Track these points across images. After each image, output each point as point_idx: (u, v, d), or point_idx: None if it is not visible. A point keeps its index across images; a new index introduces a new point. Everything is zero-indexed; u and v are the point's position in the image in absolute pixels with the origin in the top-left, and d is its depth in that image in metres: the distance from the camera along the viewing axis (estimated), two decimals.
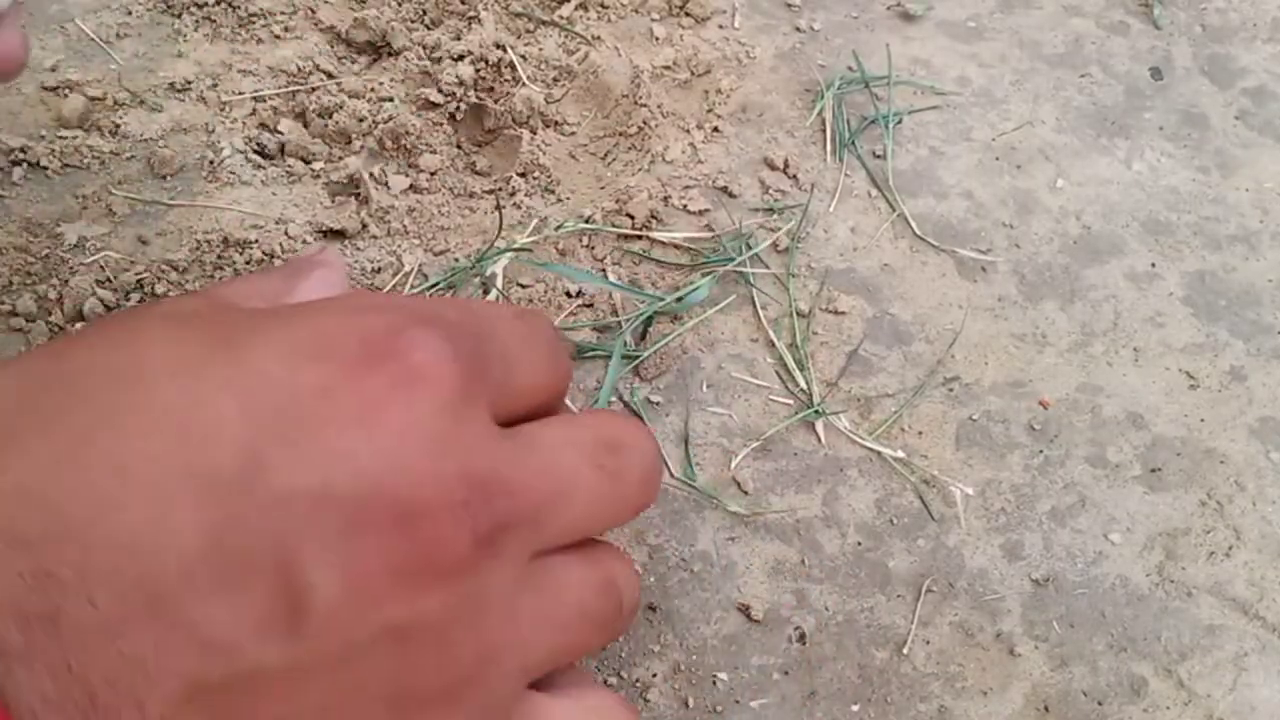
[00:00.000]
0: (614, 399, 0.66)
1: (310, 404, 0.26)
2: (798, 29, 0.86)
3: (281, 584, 0.24)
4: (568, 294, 0.68)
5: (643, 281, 0.70)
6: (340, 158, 0.73)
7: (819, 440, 0.66)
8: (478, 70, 0.76)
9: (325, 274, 0.35)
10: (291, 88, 0.75)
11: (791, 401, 0.67)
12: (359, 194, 0.71)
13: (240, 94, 0.75)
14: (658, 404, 0.66)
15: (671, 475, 0.64)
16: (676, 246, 0.72)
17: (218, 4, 0.80)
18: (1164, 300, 0.75)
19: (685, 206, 0.74)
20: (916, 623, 0.61)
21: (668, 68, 0.80)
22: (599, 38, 0.81)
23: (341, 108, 0.74)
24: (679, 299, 0.68)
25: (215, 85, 0.76)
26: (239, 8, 0.80)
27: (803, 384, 0.68)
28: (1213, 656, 0.61)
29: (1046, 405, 0.69)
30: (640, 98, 0.77)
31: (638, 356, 0.67)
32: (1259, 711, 0.60)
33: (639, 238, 0.72)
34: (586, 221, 0.72)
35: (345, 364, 0.27)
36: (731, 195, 0.75)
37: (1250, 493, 0.67)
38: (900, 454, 0.66)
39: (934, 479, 0.66)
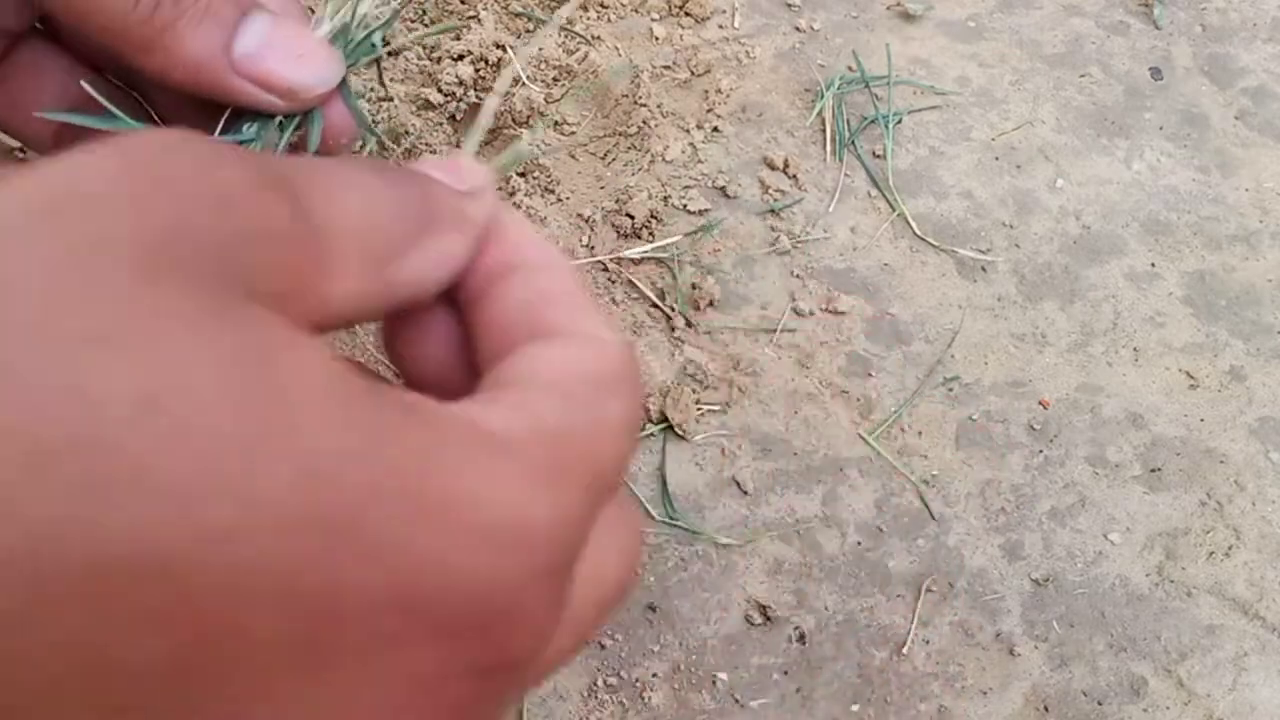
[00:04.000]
0: None
1: None
2: (798, 29, 0.86)
3: None
4: None
5: (642, 281, 0.70)
6: None
7: (818, 439, 0.66)
8: (477, 70, 0.76)
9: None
10: None
11: (792, 401, 0.67)
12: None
13: None
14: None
15: (654, 518, 0.64)
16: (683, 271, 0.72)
17: None
18: (1164, 300, 0.75)
19: (685, 206, 0.74)
20: (916, 623, 0.61)
21: (668, 68, 0.80)
22: (599, 38, 0.81)
23: None
24: None
25: None
26: None
27: (803, 383, 0.68)
28: (1213, 656, 0.61)
29: (1046, 405, 0.69)
30: (640, 98, 0.77)
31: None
32: (1259, 711, 0.60)
33: (637, 237, 0.72)
34: (585, 221, 0.72)
35: None
36: (731, 195, 0.75)
37: (1250, 493, 0.67)
38: (899, 454, 0.66)
39: (934, 479, 0.66)
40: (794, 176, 0.77)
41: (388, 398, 0.20)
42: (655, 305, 0.70)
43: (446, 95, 0.75)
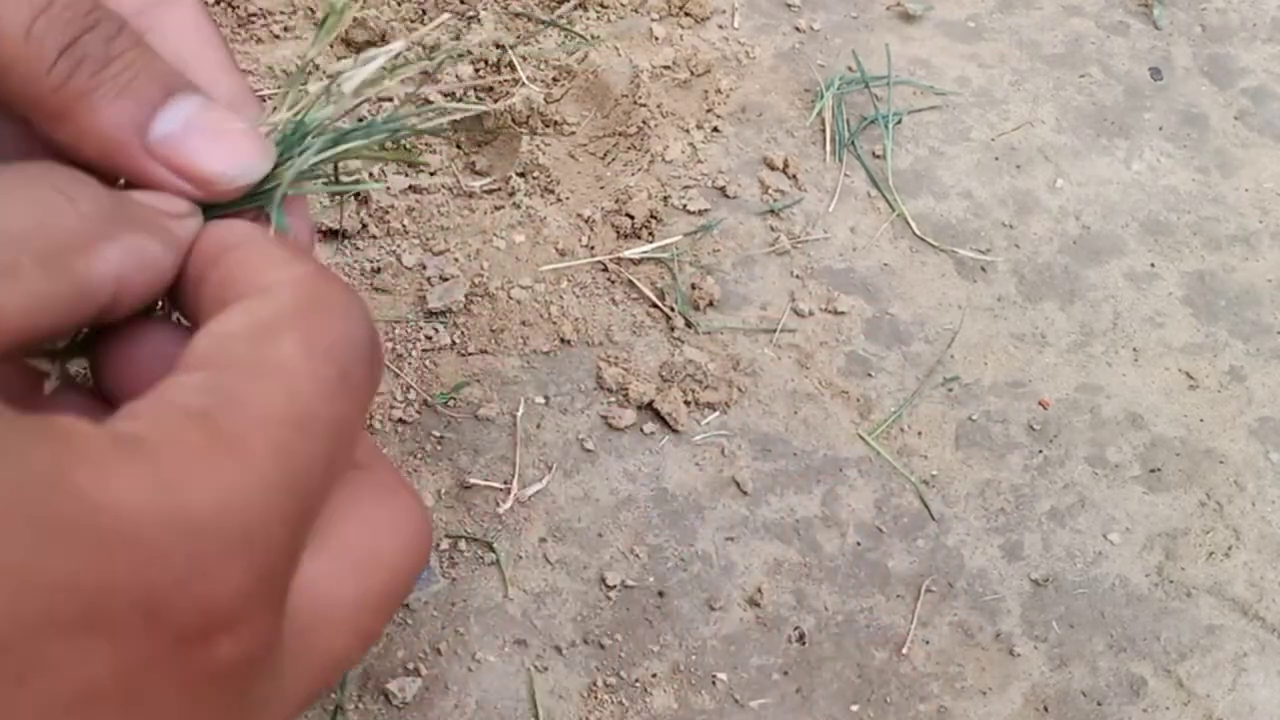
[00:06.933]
0: None
1: None
2: (798, 29, 0.86)
3: None
4: None
5: (642, 281, 0.70)
6: None
7: (818, 439, 0.66)
8: (477, 70, 0.76)
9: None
10: None
11: (792, 401, 0.67)
12: (359, 194, 0.71)
13: None
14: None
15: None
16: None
17: (217, 3, 0.80)
18: (1164, 300, 0.75)
19: (685, 206, 0.74)
20: (916, 623, 0.61)
21: (667, 68, 0.80)
22: (599, 38, 0.81)
23: None
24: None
25: None
26: (239, 7, 0.80)
27: (803, 383, 0.68)
28: (1212, 656, 0.61)
29: (1046, 405, 0.69)
30: (640, 98, 0.77)
31: None
32: (1259, 711, 0.60)
33: (638, 237, 0.72)
34: (585, 221, 0.72)
35: None
36: (731, 195, 0.75)
37: (1250, 493, 0.67)
38: (899, 454, 0.66)
39: (934, 479, 0.66)
40: (794, 176, 0.77)
41: (18, 423, 0.20)
42: (655, 305, 0.70)
43: (446, 95, 0.75)
